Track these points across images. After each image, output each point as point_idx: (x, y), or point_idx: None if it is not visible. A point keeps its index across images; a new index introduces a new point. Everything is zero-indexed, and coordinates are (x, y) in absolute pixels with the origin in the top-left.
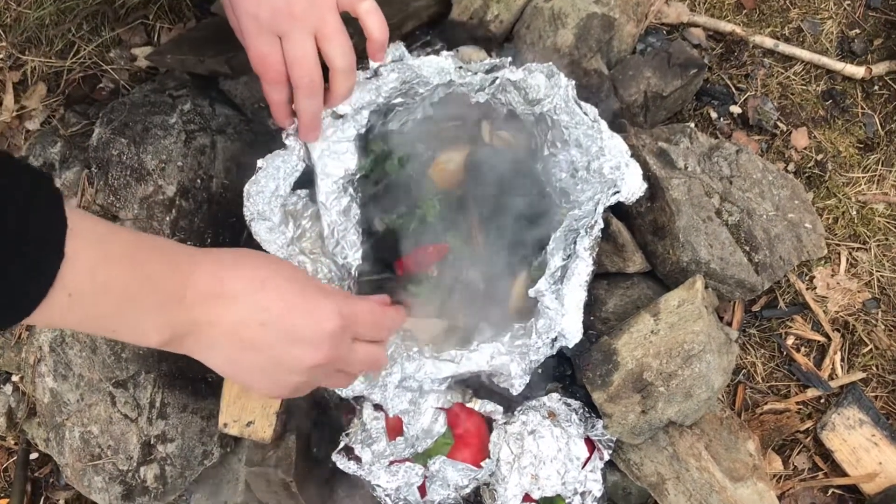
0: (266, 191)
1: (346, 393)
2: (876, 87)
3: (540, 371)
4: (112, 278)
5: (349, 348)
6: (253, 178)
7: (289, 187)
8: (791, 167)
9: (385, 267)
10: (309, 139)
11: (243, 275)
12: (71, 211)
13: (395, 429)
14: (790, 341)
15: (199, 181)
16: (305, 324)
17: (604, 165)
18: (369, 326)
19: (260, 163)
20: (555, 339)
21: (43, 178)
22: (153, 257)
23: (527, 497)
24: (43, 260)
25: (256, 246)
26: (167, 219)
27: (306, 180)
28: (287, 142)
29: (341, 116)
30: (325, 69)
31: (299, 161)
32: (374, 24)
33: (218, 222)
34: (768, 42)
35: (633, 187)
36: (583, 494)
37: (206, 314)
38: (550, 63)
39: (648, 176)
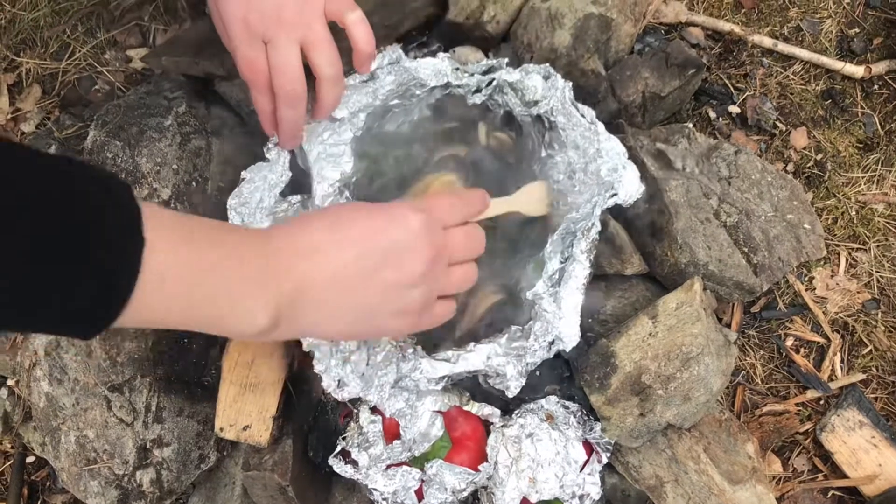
0: (251, 202)
1: (342, 395)
2: (876, 87)
3: (538, 374)
4: (200, 257)
5: (445, 236)
6: (235, 190)
7: (274, 198)
8: (790, 167)
9: None
10: (288, 147)
11: (312, 227)
12: (141, 201)
13: (392, 432)
14: (789, 342)
15: (194, 184)
16: (394, 232)
17: (601, 167)
18: (448, 210)
19: (244, 174)
20: (552, 343)
21: (109, 174)
22: (230, 235)
23: (524, 501)
24: (126, 248)
25: None
26: None
27: (298, 186)
28: (269, 155)
29: (337, 120)
30: (311, 77)
31: (284, 171)
32: (361, 34)
33: None
34: (767, 41)
35: (630, 190)
36: (581, 498)
37: (302, 274)
38: (547, 64)
39: (646, 177)
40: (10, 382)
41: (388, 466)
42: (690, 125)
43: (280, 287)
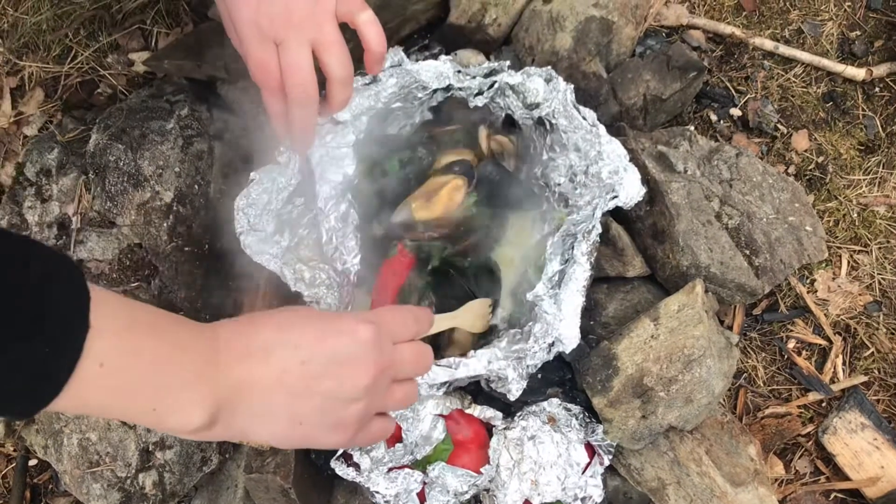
0: (258, 204)
1: None
2: (877, 89)
3: (540, 376)
4: (141, 345)
5: (393, 350)
6: (244, 191)
7: (282, 202)
8: (791, 170)
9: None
10: (301, 151)
11: (263, 326)
12: (91, 285)
13: (394, 435)
14: (791, 345)
15: (196, 187)
16: (342, 342)
17: (602, 170)
18: (400, 325)
19: (253, 175)
20: (552, 345)
21: (61, 255)
22: (174, 325)
23: (526, 503)
24: (69, 332)
25: None
26: (164, 224)
27: (302, 188)
28: (280, 159)
29: (340, 122)
30: (323, 79)
31: (294, 175)
32: (373, 35)
33: (215, 228)
34: (768, 44)
35: (631, 192)
36: (583, 500)
37: (245, 373)
38: (549, 67)
39: (648, 180)
40: None
41: (391, 469)
42: (692, 128)
43: (221, 383)
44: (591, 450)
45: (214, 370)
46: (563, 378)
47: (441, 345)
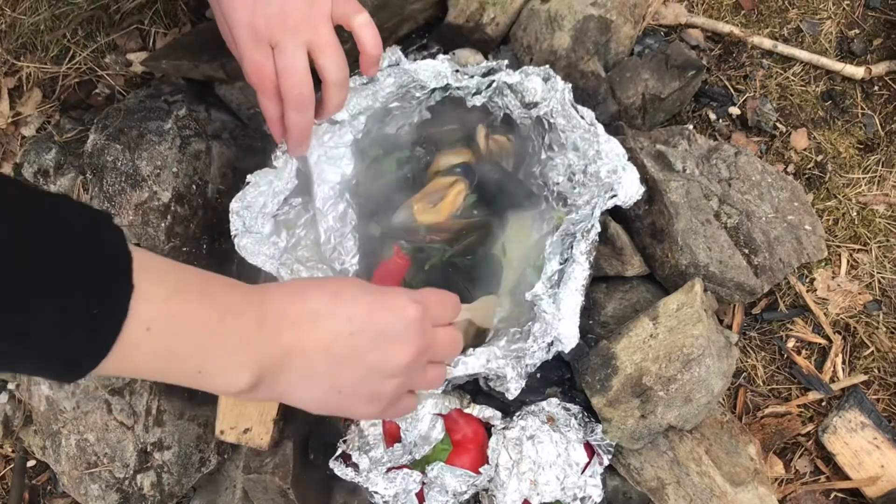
0: (254, 206)
1: None
2: (876, 88)
3: (538, 375)
4: (189, 311)
5: (433, 334)
6: (240, 193)
7: (277, 205)
8: (790, 169)
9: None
10: (297, 154)
11: (314, 293)
12: (134, 248)
13: (392, 435)
14: (791, 344)
15: (194, 187)
16: (391, 319)
17: (601, 169)
18: (440, 308)
19: (250, 177)
20: (551, 344)
21: (102, 215)
22: (224, 289)
23: (526, 503)
24: (113, 293)
25: None
26: (162, 225)
27: (299, 188)
28: (276, 163)
29: (338, 122)
30: (318, 81)
31: (291, 179)
32: (369, 38)
33: (214, 228)
34: (767, 43)
35: (630, 191)
36: (582, 500)
37: (293, 340)
38: (547, 66)
39: (646, 179)
40: (10, 386)
41: (389, 469)
42: (690, 127)
43: (269, 349)
44: (590, 449)
45: (262, 335)
46: (561, 378)
47: None
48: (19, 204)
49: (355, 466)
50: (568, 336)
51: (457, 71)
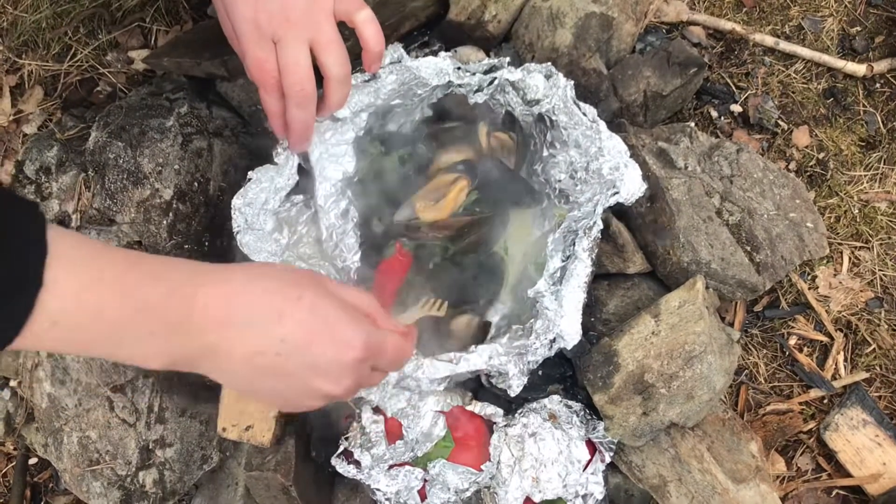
0: (255, 203)
1: None
2: (877, 85)
3: (540, 373)
4: (103, 304)
5: (368, 376)
6: (241, 190)
7: (279, 201)
8: (792, 166)
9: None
10: (298, 150)
11: (257, 301)
12: (58, 235)
13: (394, 433)
14: (792, 341)
15: (196, 184)
16: (326, 355)
17: (603, 166)
18: (391, 360)
19: (251, 174)
20: (553, 341)
21: (24, 204)
22: (145, 281)
23: (528, 500)
24: (19, 289)
25: None
26: (164, 222)
27: (301, 185)
28: (278, 159)
29: (339, 119)
30: (320, 77)
31: (292, 175)
32: (371, 34)
33: (215, 225)
34: (769, 40)
35: (632, 188)
36: (584, 497)
37: (217, 341)
38: (549, 63)
39: (648, 176)
40: (12, 383)
41: (391, 466)
42: (692, 124)
43: (186, 346)
44: (592, 447)
45: (178, 332)
46: (563, 375)
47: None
48: None
49: (357, 464)
50: (570, 333)
51: (458, 68)
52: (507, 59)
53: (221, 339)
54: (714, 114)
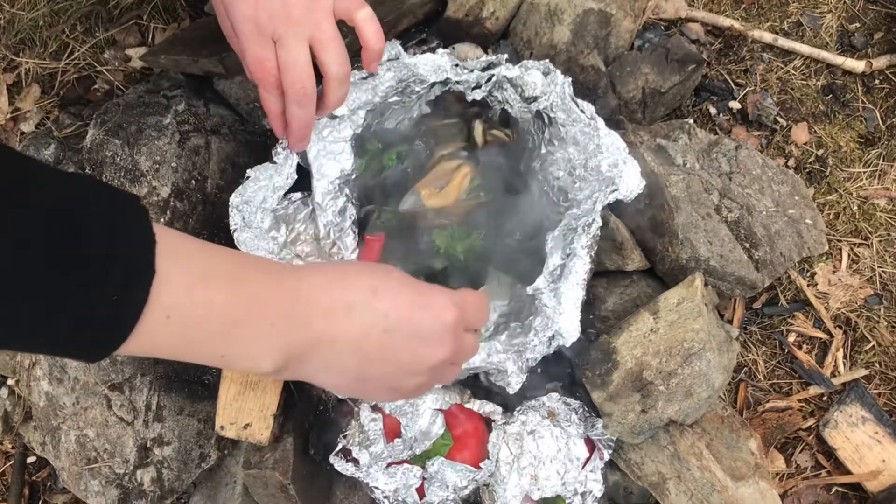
0: (253, 201)
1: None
2: (877, 82)
3: (539, 370)
4: (213, 297)
5: (464, 337)
6: (239, 188)
7: (277, 200)
8: (791, 163)
9: None
10: (298, 149)
11: (353, 283)
12: (163, 228)
13: (393, 430)
14: (792, 339)
15: (193, 182)
16: (427, 320)
17: (601, 163)
18: (476, 313)
19: (249, 172)
20: (552, 338)
21: (128, 196)
22: (254, 274)
23: (526, 498)
24: (134, 279)
25: None
26: (161, 220)
27: (299, 183)
28: (277, 158)
29: (337, 117)
30: (319, 76)
31: (291, 174)
32: (371, 33)
33: (213, 223)
34: (767, 37)
35: (631, 185)
36: (583, 495)
37: (324, 329)
38: (547, 60)
39: (647, 173)
40: (10, 382)
41: (390, 464)
42: (691, 121)
43: (296, 336)
44: (590, 444)
45: (290, 323)
46: (562, 373)
47: None
48: (41, 184)
49: (356, 462)
50: (569, 330)
51: (456, 65)
52: (505, 55)
53: (328, 326)
54: (713, 110)
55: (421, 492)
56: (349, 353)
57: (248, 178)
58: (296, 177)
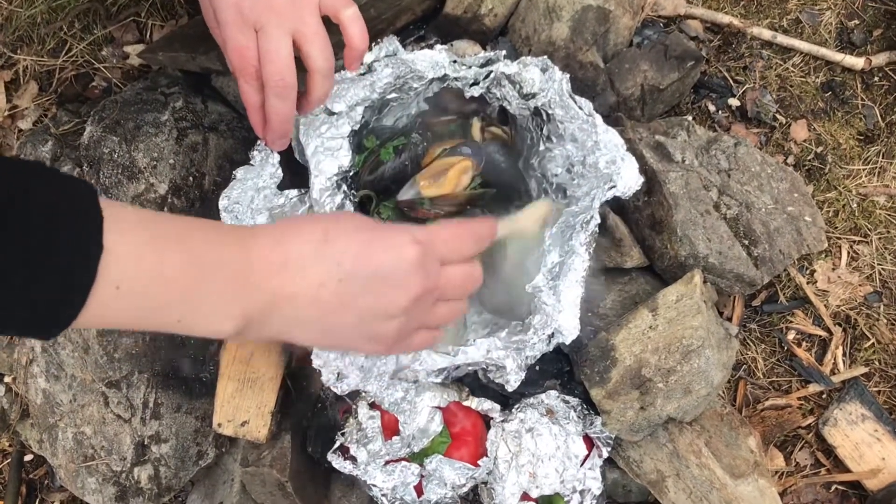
0: (242, 202)
1: (341, 388)
2: (876, 78)
3: (537, 368)
4: (165, 265)
5: (439, 272)
6: (226, 190)
7: (264, 199)
8: (790, 160)
9: None
10: (277, 147)
11: (304, 234)
12: (110, 202)
13: (391, 428)
14: (791, 336)
15: (190, 179)
16: (385, 260)
17: (599, 160)
18: (451, 243)
19: (236, 173)
20: (551, 336)
21: (72, 178)
22: (206, 237)
23: (525, 496)
24: (78, 255)
25: None
26: None
27: (297, 180)
28: (253, 161)
29: (335, 114)
30: (302, 71)
31: (274, 173)
32: (356, 32)
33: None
34: (766, 34)
35: (629, 182)
36: (582, 493)
37: (279, 286)
38: (545, 57)
39: (645, 170)
40: (6, 379)
41: (387, 462)
42: (690, 118)
43: (252, 297)
44: (589, 442)
45: (245, 284)
46: (561, 370)
47: None
48: None
49: (353, 459)
50: (568, 327)
51: (454, 61)
52: (504, 52)
53: (283, 282)
54: (712, 108)
55: (419, 489)
56: (308, 307)
57: (234, 178)
58: (281, 175)
